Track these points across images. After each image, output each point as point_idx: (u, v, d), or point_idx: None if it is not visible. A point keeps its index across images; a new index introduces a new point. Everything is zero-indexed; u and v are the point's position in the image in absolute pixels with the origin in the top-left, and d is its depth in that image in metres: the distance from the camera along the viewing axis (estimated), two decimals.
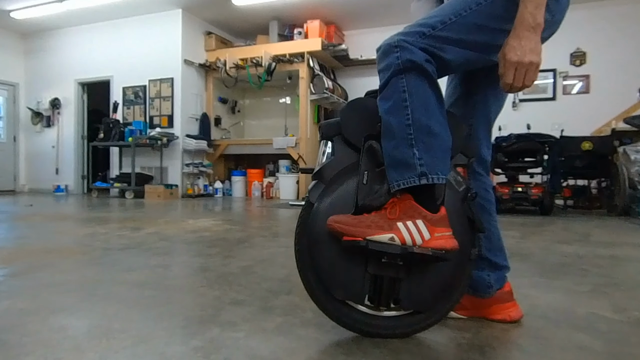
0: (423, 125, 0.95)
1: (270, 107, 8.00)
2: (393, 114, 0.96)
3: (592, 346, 1.03)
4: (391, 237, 0.93)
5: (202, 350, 0.98)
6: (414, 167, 0.94)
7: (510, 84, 0.94)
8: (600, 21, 5.94)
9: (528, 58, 0.90)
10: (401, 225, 0.94)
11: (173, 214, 4.07)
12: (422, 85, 0.96)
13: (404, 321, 1.03)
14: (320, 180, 1.05)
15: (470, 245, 1.02)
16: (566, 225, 3.58)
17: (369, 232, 0.94)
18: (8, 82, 7.74)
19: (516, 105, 6.29)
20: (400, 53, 0.95)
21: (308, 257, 1.04)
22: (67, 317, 1.20)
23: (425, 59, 0.95)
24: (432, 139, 0.95)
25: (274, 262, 1.95)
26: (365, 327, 1.03)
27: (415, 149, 0.94)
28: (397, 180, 0.95)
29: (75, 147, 7.55)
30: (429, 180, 0.93)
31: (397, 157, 0.96)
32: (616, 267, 1.95)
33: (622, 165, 4.26)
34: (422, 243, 0.94)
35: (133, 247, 2.28)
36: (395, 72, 0.96)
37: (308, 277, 1.04)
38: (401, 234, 0.94)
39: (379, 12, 6.53)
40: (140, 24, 6.90)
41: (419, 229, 0.94)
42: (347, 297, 1.01)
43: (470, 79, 1.16)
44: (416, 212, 0.95)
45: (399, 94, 0.96)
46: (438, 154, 0.95)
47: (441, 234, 0.94)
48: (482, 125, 1.16)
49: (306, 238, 1.04)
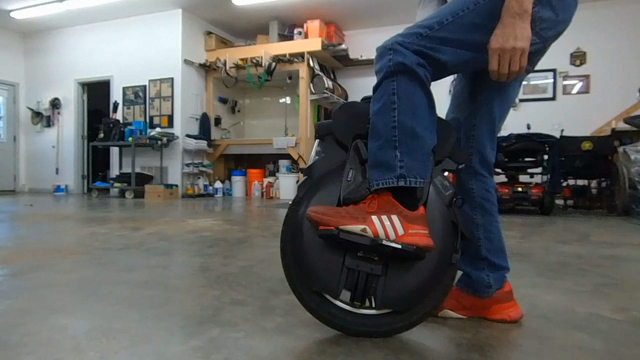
0: (408, 128, 0.96)
1: (270, 107, 8.00)
2: (381, 115, 0.99)
3: (592, 346, 1.03)
4: (363, 229, 0.95)
5: (202, 350, 0.98)
6: (394, 169, 0.96)
7: (496, 71, 0.95)
8: (600, 21, 5.94)
9: (510, 44, 0.91)
10: (375, 218, 0.95)
11: (173, 214, 4.07)
12: (412, 89, 0.97)
13: (382, 320, 1.03)
14: (309, 176, 1.09)
15: (452, 249, 1.02)
16: (566, 225, 3.58)
17: (342, 221, 0.95)
18: (8, 82, 7.74)
19: (516, 105, 6.29)
20: (393, 56, 0.97)
21: (290, 249, 1.07)
22: (67, 317, 1.20)
23: (418, 63, 0.96)
24: (415, 142, 0.97)
25: (274, 262, 1.95)
26: (342, 323, 1.04)
27: (397, 151, 0.97)
28: (377, 179, 0.98)
29: (75, 147, 7.55)
30: (407, 183, 0.96)
31: (380, 158, 0.98)
32: (616, 267, 1.95)
33: (622, 165, 4.26)
34: (395, 238, 0.94)
35: (133, 247, 2.28)
36: (387, 74, 0.98)
37: (290, 271, 1.07)
38: (374, 226, 0.95)
39: (379, 12, 6.53)
40: (140, 24, 6.90)
41: (393, 223, 0.95)
42: (323, 288, 1.03)
43: (475, 80, 1.15)
44: (392, 208, 0.97)
45: (389, 97, 0.98)
46: (419, 157, 0.97)
47: (415, 231, 0.95)
48: (486, 126, 1.16)
49: (290, 230, 1.07)
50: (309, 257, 1.03)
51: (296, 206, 1.08)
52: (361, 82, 7.23)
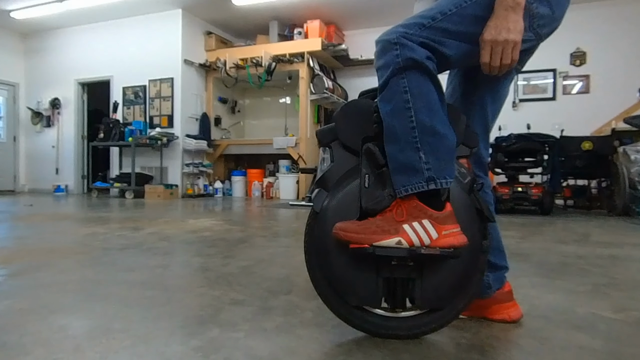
0: (427, 126, 0.93)
1: (270, 107, 8.00)
2: (396, 116, 0.94)
3: (592, 346, 1.03)
4: (398, 241, 0.92)
5: (202, 350, 0.98)
6: (421, 172, 0.92)
7: (487, 63, 0.94)
8: (600, 21, 5.94)
9: (503, 36, 0.90)
10: (407, 227, 0.92)
11: (173, 214, 4.07)
12: (424, 84, 0.94)
13: (423, 320, 1.02)
14: (322, 188, 1.04)
15: (481, 236, 1.01)
16: (566, 225, 3.58)
17: (375, 237, 0.92)
18: (8, 82, 7.74)
19: (516, 105, 6.30)
20: (401, 51, 0.93)
21: (318, 267, 1.03)
22: (67, 317, 1.20)
23: (427, 56, 0.93)
24: (438, 141, 0.93)
25: (274, 262, 1.95)
26: (383, 329, 1.03)
27: (421, 153, 0.93)
28: (405, 185, 0.94)
29: (75, 147, 7.55)
30: (437, 185, 0.92)
31: (403, 161, 0.94)
32: (616, 267, 1.95)
33: (622, 165, 4.26)
34: (430, 243, 0.92)
35: (133, 247, 2.28)
36: (395, 71, 0.94)
37: (320, 286, 1.04)
38: (408, 236, 0.92)
39: (379, 12, 6.53)
40: (140, 24, 6.90)
41: (425, 229, 0.92)
42: (362, 302, 1.01)
43: (468, 80, 1.16)
44: (422, 212, 0.93)
45: (401, 95, 0.94)
46: (444, 156, 0.93)
47: (449, 232, 0.92)
48: (480, 126, 1.16)
49: (315, 248, 1.04)
50: (341, 274, 1.00)
51: (315, 221, 1.03)
52: (361, 82, 7.23)
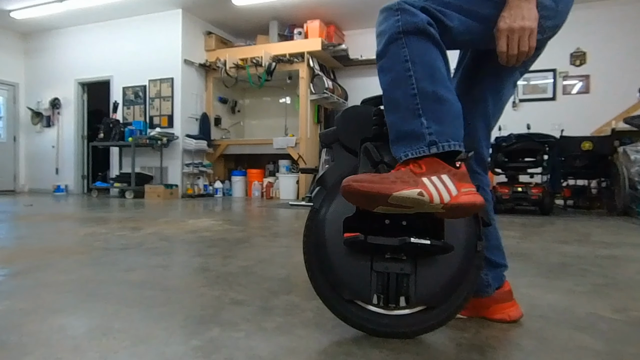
0: (429, 92, 0.90)
1: (270, 107, 8.00)
2: (396, 86, 0.92)
3: (592, 346, 1.03)
4: (420, 192, 0.86)
5: (202, 350, 0.98)
6: (423, 137, 0.90)
7: (505, 52, 0.93)
8: (600, 21, 5.94)
9: (518, 23, 0.90)
10: (427, 180, 0.88)
11: (173, 214, 4.07)
12: (425, 50, 0.91)
13: (417, 318, 1.02)
14: (322, 186, 1.09)
15: (476, 237, 1.02)
16: (566, 225, 3.58)
17: (396, 187, 0.86)
18: (8, 82, 7.74)
19: (516, 105, 6.30)
20: (401, 16, 0.92)
21: (316, 261, 1.06)
22: (67, 317, 1.20)
23: (428, 22, 0.92)
24: (441, 106, 0.91)
25: (274, 262, 1.95)
26: (377, 326, 1.03)
27: (423, 118, 0.90)
28: (405, 151, 0.92)
29: (75, 147, 7.54)
30: (439, 149, 0.89)
31: (404, 129, 0.92)
32: (616, 267, 1.95)
33: (622, 165, 4.26)
34: (449, 200, 0.86)
35: (133, 247, 2.28)
36: (394, 35, 0.92)
37: (317, 281, 1.06)
38: (428, 189, 0.87)
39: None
40: (140, 24, 6.90)
41: (445, 184, 0.88)
42: (355, 296, 1.02)
43: (471, 78, 1.15)
44: (441, 167, 0.90)
45: (401, 64, 0.92)
46: (447, 120, 0.91)
47: (468, 189, 0.89)
48: (481, 124, 1.16)
49: (313, 242, 1.07)
50: (336, 266, 1.03)
51: (314, 218, 1.07)
52: (361, 82, 7.23)
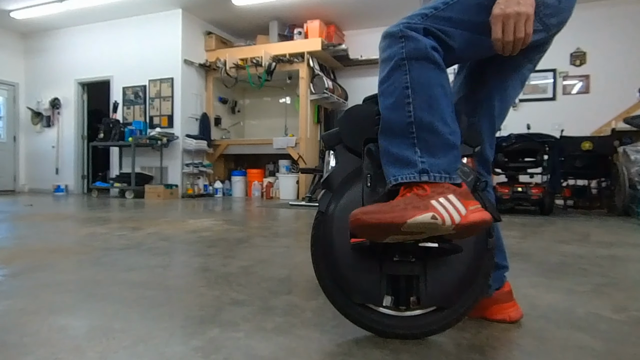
0: (426, 123, 0.91)
1: (270, 107, 8.00)
2: (395, 111, 0.93)
3: (592, 346, 1.03)
4: (432, 216, 0.85)
5: (202, 350, 0.98)
6: (415, 164, 0.91)
7: (500, 39, 0.91)
8: (600, 21, 5.94)
9: (513, 9, 0.88)
10: (435, 202, 0.87)
11: (173, 214, 4.07)
12: (426, 79, 0.92)
13: (428, 319, 1.02)
14: (327, 189, 1.08)
15: (486, 234, 1.01)
16: (566, 225, 3.58)
17: (408, 214, 0.85)
18: (8, 82, 7.74)
19: (516, 105, 6.29)
20: (406, 43, 0.92)
21: (324, 264, 1.06)
22: (67, 317, 1.20)
23: (432, 46, 0.92)
24: (436, 138, 0.91)
25: (274, 262, 1.95)
26: (388, 328, 1.03)
27: (417, 148, 0.91)
28: (395, 175, 0.92)
29: (75, 147, 7.54)
30: (430, 179, 0.89)
31: (398, 155, 0.93)
32: (616, 267, 1.95)
33: (622, 165, 4.26)
34: (460, 220, 0.86)
35: (133, 247, 2.28)
36: (398, 62, 0.93)
37: (326, 284, 1.06)
38: (439, 211, 0.86)
39: (379, 12, 6.53)
40: (140, 24, 6.90)
41: (453, 204, 0.87)
42: (365, 300, 1.02)
43: (476, 77, 1.15)
44: (444, 187, 0.89)
45: (401, 91, 0.92)
46: (441, 153, 0.91)
47: (475, 207, 0.89)
48: (486, 124, 1.15)
49: (320, 246, 1.06)
50: (345, 271, 1.02)
51: (321, 221, 1.06)
52: (361, 82, 7.23)
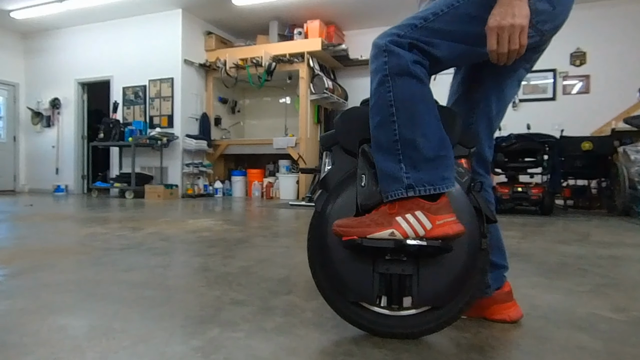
0: (409, 140, 0.96)
1: (270, 107, 8.00)
2: (382, 129, 0.98)
3: (592, 346, 1.03)
4: (391, 233, 0.94)
5: (202, 350, 0.98)
6: (401, 180, 0.96)
7: (495, 51, 0.93)
8: (600, 21, 5.93)
9: (508, 21, 0.90)
10: (400, 219, 0.95)
11: (173, 214, 4.07)
12: (408, 95, 0.96)
13: (422, 319, 1.02)
14: (324, 189, 1.10)
15: (480, 234, 1.01)
16: (566, 225, 3.58)
17: (369, 230, 0.95)
18: (8, 82, 7.74)
19: (516, 105, 6.29)
20: (389, 58, 0.96)
21: (319, 263, 1.07)
22: (67, 317, 1.20)
23: (414, 60, 0.95)
24: (418, 153, 0.96)
25: (274, 262, 1.95)
26: (381, 327, 1.03)
27: (402, 164, 0.96)
28: (386, 191, 0.97)
29: (75, 147, 7.54)
30: (416, 193, 0.95)
31: (386, 170, 0.98)
32: (616, 267, 1.95)
33: (622, 165, 4.26)
34: (424, 234, 0.93)
35: (133, 247, 2.28)
36: (382, 79, 0.97)
37: (321, 282, 1.07)
38: (401, 227, 0.94)
39: (379, 12, 6.53)
40: (140, 24, 6.90)
41: (419, 220, 0.94)
42: (358, 298, 1.03)
43: (473, 77, 1.15)
44: (414, 204, 0.95)
45: (387, 109, 0.97)
46: (424, 167, 0.96)
47: (443, 221, 0.94)
48: (484, 124, 1.15)
49: (316, 245, 1.08)
50: (339, 269, 1.03)
51: (317, 221, 1.08)
52: (361, 82, 7.23)
